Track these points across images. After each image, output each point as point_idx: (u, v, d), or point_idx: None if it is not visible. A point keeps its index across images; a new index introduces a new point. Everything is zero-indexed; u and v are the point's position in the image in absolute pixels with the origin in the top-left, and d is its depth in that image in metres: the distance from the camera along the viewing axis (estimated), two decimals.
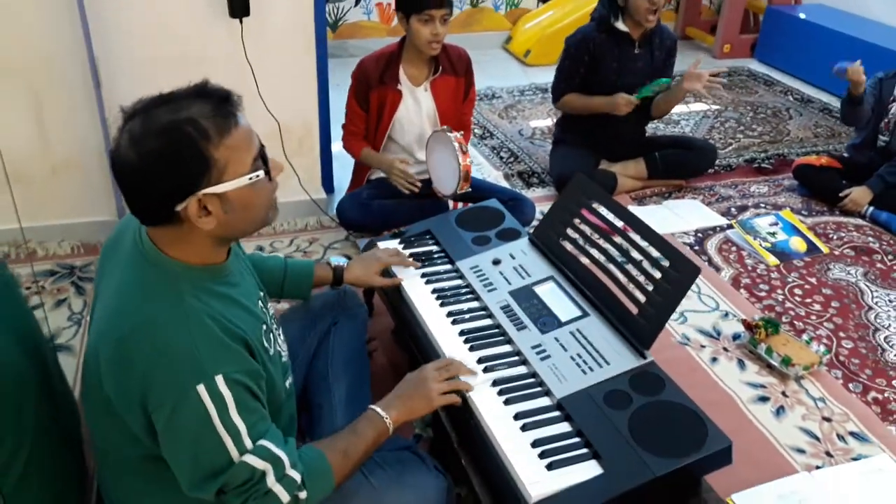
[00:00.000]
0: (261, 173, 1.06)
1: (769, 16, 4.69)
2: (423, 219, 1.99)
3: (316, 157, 2.63)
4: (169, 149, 0.98)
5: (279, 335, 1.29)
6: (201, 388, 1.00)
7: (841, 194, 2.91)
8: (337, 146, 2.77)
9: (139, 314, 1.03)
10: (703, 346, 2.14)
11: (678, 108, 3.87)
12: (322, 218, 2.66)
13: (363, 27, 4.39)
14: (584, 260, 1.66)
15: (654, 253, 1.51)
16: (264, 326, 1.19)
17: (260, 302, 1.24)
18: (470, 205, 2.04)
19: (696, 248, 2.64)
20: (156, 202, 1.01)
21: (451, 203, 2.51)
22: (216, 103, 1.02)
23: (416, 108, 2.47)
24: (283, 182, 2.53)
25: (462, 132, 2.37)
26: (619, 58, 2.83)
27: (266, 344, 1.17)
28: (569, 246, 1.71)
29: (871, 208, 2.88)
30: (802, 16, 4.51)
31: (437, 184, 2.36)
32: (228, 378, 1.02)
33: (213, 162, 1.00)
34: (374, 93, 2.42)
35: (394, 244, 1.85)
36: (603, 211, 1.65)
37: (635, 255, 1.54)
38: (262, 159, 1.08)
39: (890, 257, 2.64)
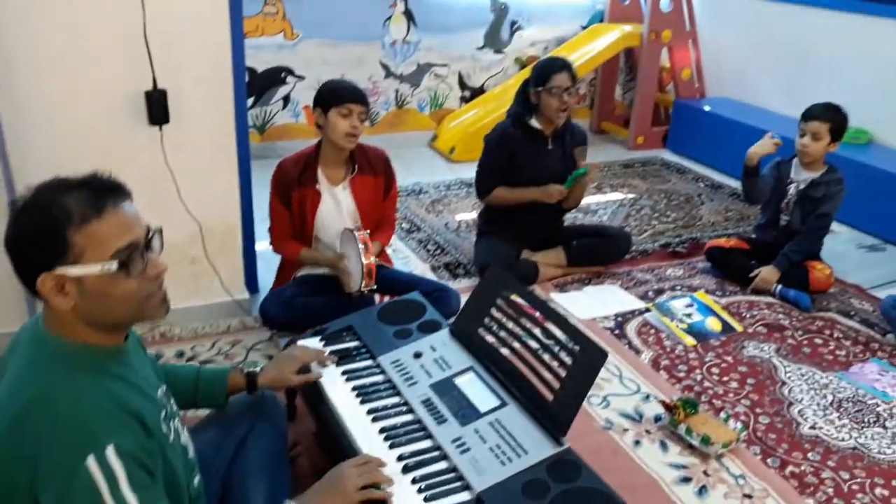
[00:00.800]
0: (114, 265, 1.07)
1: (677, 109, 5.02)
2: (347, 313, 2.01)
3: (239, 256, 2.63)
4: (33, 225, 1.06)
5: (182, 429, 1.27)
6: (91, 462, 0.98)
7: (751, 275, 3.06)
8: (261, 245, 2.78)
9: (32, 390, 1.04)
10: (625, 430, 2.17)
11: (597, 199, 4.07)
12: (245, 319, 2.63)
13: (291, 129, 4.49)
14: (503, 349, 1.69)
15: (565, 339, 1.55)
16: (164, 412, 1.19)
17: (160, 391, 1.23)
18: (394, 298, 2.07)
19: (617, 331, 2.71)
20: (22, 273, 1.08)
21: (377, 297, 2.53)
22: (94, 191, 1.08)
23: (335, 207, 2.52)
24: (205, 284, 2.57)
25: (368, 231, 2.41)
26: (534, 153, 2.97)
27: (165, 429, 1.16)
28: (487, 336, 1.74)
29: (780, 286, 3.03)
30: (707, 108, 4.84)
31: (347, 281, 2.41)
32: (120, 450, 1.00)
33: (71, 245, 1.05)
34: (294, 193, 2.47)
35: (314, 342, 1.86)
36: (519, 300, 1.70)
37: (548, 342, 1.58)
38: (133, 253, 1.09)
39: (800, 333, 2.77)
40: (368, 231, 2.39)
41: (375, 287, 2.33)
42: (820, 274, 3.02)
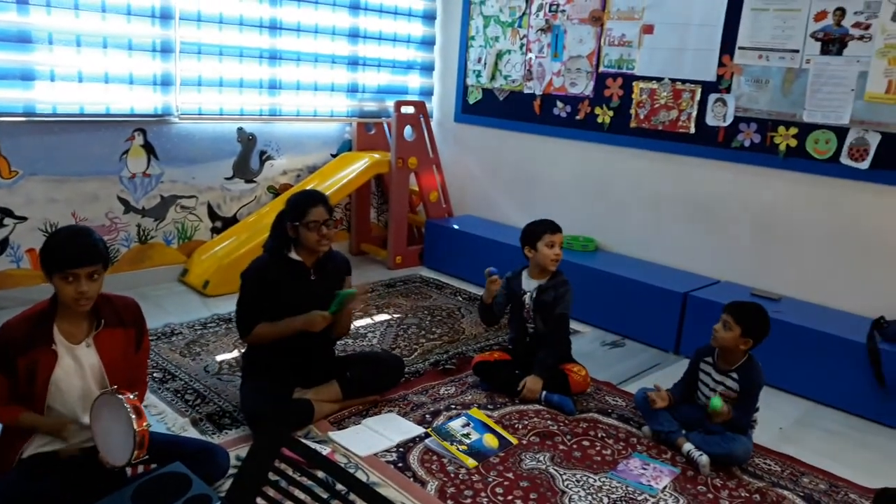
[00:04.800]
0: None
1: (429, 228, 5.26)
2: (95, 499, 1.69)
3: None
4: None
5: None
6: None
7: (518, 388, 3.18)
8: None
9: None
10: None
11: (364, 322, 4.04)
12: None
13: (12, 276, 3.93)
14: None
15: (358, 502, 1.43)
16: None
17: None
18: (152, 468, 1.79)
19: (400, 464, 2.62)
20: None
21: (128, 469, 2.19)
22: None
23: (76, 367, 2.18)
24: None
25: (136, 392, 2.13)
26: (297, 286, 2.87)
27: None
28: None
29: (545, 392, 3.18)
30: (456, 226, 5.13)
31: (106, 454, 2.06)
32: None
33: None
34: (20, 359, 2.10)
35: None
36: (301, 460, 1.55)
37: None
38: None
39: (568, 437, 2.90)
40: (136, 393, 2.09)
41: (147, 456, 2.00)
42: (577, 376, 3.24)
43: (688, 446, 2.76)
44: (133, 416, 1.96)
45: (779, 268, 3.97)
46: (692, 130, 4.21)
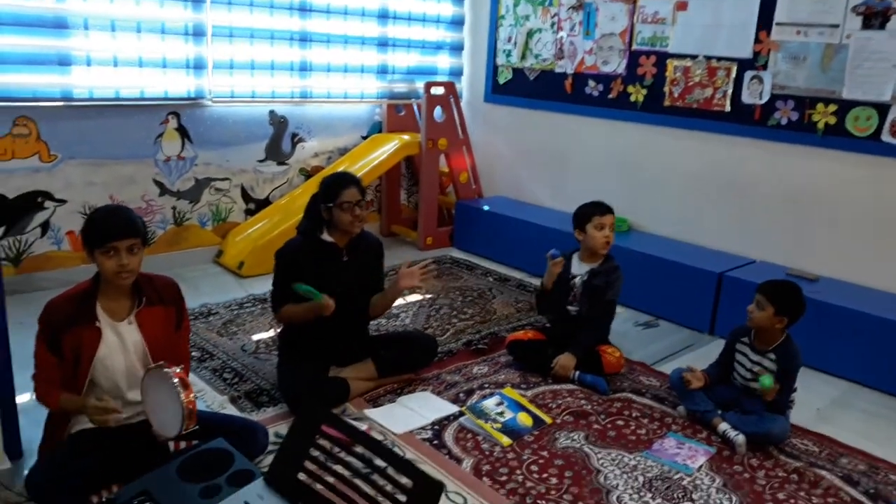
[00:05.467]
0: None
1: (459, 209, 5.26)
2: (140, 474, 1.74)
3: None
4: None
5: None
6: None
7: (551, 364, 3.18)
8: (24, 398, 2.39)
9: None
10: None
11: (397, 302, 4.06)
12: (6, 494, 2.20)
13: (53, 258, 4.02)
14: (330, 496, 1.55)
15: (397, 476, 1.46)
16: None
17: None
18: (194, 444, 1.83)
19: (436, 442, 2.65)
20: None
21: (171, 444, 2.24)
22: None
23: (119, 345, 2.23)
24: None
25: (182, 366, 2.18)
26: (329, 267, 2.90)
27: None
28: (309, 480, 1.59)
29: (578, 372, 3.18)
30: (486, 207, 5.12)
31: (158, 427, 2.11)
32: None
33: None
34: (66, 337, 2.15)
35: None
36: (340, 436, 1.58)
37: (378, 479, 1.48)
38: None
39: (602, 417, 2.90)
40: (182, 366, 2.13)
41: (197, 427, 2.05)
42: (611, 357, 3.23)
43: (724, 426, 2.74)
44: (180, 389, 2.00)
45: (817, 247, 3.91)
46: (728, 109, 4.14)
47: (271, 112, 4.76)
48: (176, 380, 2.02)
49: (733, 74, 4.09)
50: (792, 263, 3.96)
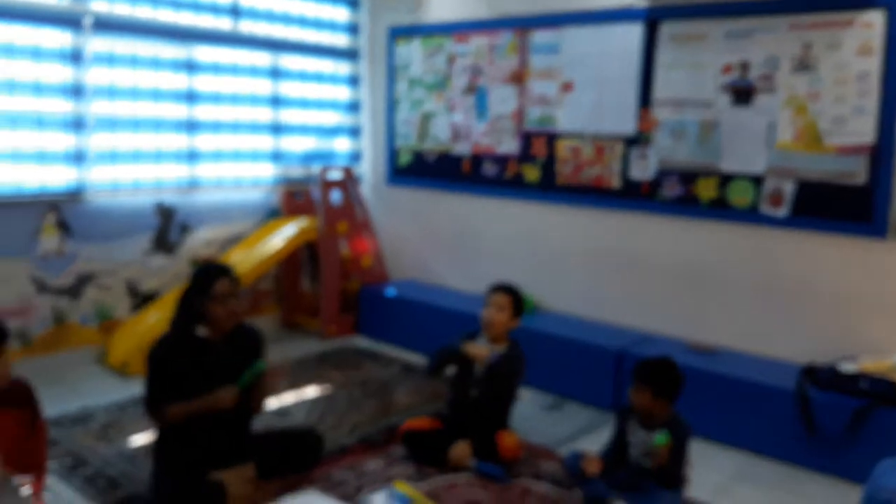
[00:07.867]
0: None
1: (363, 295, 5.13)
2: None
3: None
4: None
5: None
6: None
7: (448, 454, 3.03)
8: None
9: None
10: None
11: (291, 397, 3.85)
12: None
13: None
14: None
15: None
16: None
17: None
18: None
19: None
20: None
21: None
22: None
23: None
24: None
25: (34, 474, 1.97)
26: (203, 366, 2.72)
27: None
28: None
29: (476, 461, 3.03)
30: (391, 292, 5.01)
31: None
32: None
33: None
34: None
35: None
36: None
37: None
38: None
39: None
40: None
41: None
42: (507, 442, 3.10)
43: None
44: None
45: (712, 318, 3.95)
46: (618, 185, 4.23)
47: (158, 202, 4.60)
48: (27, 491, 1.83)
49: (620, 151, 4.20)
50: (690, 335, 3.97)
